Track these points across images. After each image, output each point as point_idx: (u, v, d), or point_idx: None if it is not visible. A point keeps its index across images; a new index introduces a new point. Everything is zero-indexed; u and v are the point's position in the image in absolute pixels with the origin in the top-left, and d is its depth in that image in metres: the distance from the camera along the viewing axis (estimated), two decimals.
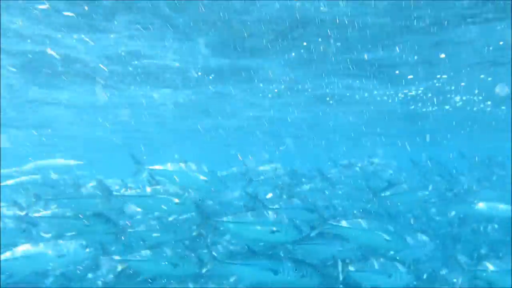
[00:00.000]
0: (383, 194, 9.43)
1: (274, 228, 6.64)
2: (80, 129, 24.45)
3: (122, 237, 8.48)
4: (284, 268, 6.65)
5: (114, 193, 8.12)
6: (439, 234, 11.02)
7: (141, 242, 8.67)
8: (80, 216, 8.33)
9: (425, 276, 8.53)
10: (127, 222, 9.08)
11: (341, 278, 6.88)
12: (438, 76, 14.56)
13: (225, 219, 6.80)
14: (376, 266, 7.02)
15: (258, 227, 6.66)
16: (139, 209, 9.37)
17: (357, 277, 7.02)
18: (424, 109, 19.99)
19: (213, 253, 7.02)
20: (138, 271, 7.61)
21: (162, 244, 7.89)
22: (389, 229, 7.27)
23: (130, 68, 13.20)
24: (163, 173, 8.52)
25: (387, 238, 7.14)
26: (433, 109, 19.74)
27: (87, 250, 7.64)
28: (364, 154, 13.06)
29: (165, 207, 8.28)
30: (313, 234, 6.97)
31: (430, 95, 17.13)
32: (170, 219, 9.12)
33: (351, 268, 6.94)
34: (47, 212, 8.38)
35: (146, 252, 7.54)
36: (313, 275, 6.82)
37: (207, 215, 6.82)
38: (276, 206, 8.72)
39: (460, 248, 10.77)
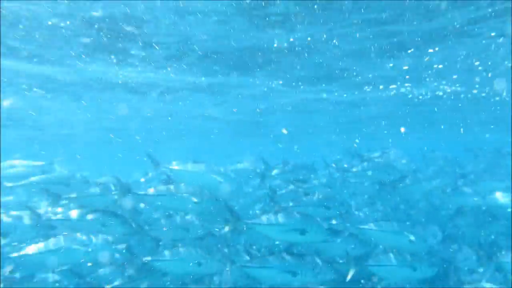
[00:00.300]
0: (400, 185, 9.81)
1: (303, 229, 6.69)
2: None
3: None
4: (303, 269, 6.71)
5: (133, 191, 8.09)
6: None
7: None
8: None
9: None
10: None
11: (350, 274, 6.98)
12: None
13: (254, 220, 6.82)
14: (401, 260, 7.10)
15: (288, 228, 6.70)
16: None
17: (382, 272, 7.12)
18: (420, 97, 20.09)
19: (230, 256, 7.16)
20: (160, 270, 7.60)
21: (184, 243, 7.87)
22: (411, 229, 7.43)
23: None
24: (178, 173, 8.46)
25: (412, 239, 7.30)
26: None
27: (113, 247, 7.70)
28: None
29: (184, 206, 8.32)
30: (341, 238, 7.08)
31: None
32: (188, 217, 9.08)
33: (375, 262, 7.03)
34: (65, 213, 8.41)
35: (169, 252, 7.49)
36: (330, 273, 6.90)
37: (237, 216, 6.82)
38: (292, 203, 8.79)
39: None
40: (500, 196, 10.44)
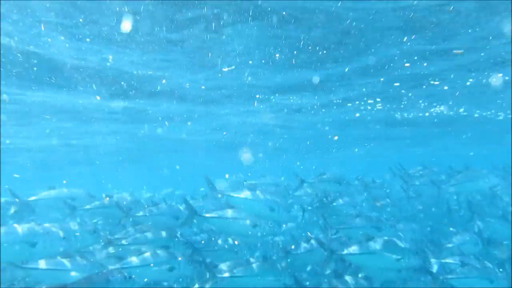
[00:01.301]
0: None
1: (399, 258, 6.94)
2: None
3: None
4: None
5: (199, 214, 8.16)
6: None
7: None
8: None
9: None
10: None
11: None
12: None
13: (349, 251, 7.01)
14: (478, 272, 7.37)
15: (385, 257, 6.95)
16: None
17: (459, 284, 7.36)
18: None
19: None
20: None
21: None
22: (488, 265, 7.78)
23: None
24: (232, 200, 8.48)
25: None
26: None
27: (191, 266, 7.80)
28: None
29: (244, 230, 8.43)
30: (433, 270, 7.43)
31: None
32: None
33: (453, 275, 7.32)
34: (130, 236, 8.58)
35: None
36: None
37: (331, 249, 6.98)
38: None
39: None
40: None
